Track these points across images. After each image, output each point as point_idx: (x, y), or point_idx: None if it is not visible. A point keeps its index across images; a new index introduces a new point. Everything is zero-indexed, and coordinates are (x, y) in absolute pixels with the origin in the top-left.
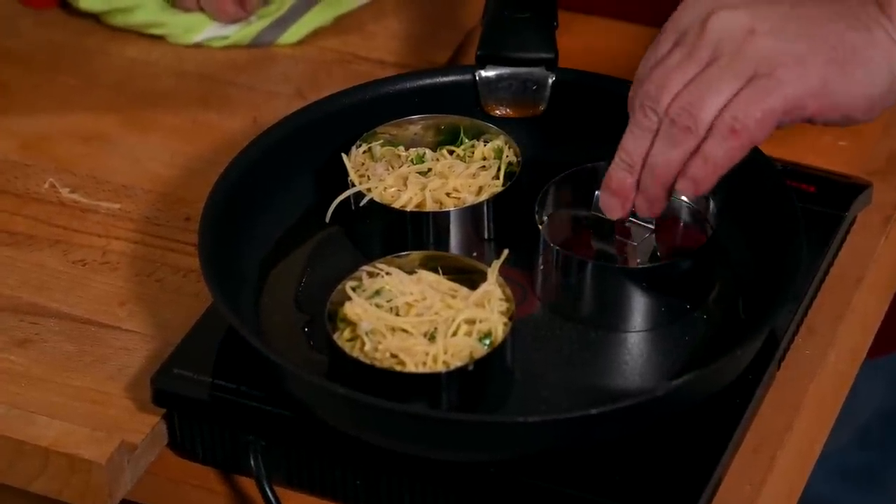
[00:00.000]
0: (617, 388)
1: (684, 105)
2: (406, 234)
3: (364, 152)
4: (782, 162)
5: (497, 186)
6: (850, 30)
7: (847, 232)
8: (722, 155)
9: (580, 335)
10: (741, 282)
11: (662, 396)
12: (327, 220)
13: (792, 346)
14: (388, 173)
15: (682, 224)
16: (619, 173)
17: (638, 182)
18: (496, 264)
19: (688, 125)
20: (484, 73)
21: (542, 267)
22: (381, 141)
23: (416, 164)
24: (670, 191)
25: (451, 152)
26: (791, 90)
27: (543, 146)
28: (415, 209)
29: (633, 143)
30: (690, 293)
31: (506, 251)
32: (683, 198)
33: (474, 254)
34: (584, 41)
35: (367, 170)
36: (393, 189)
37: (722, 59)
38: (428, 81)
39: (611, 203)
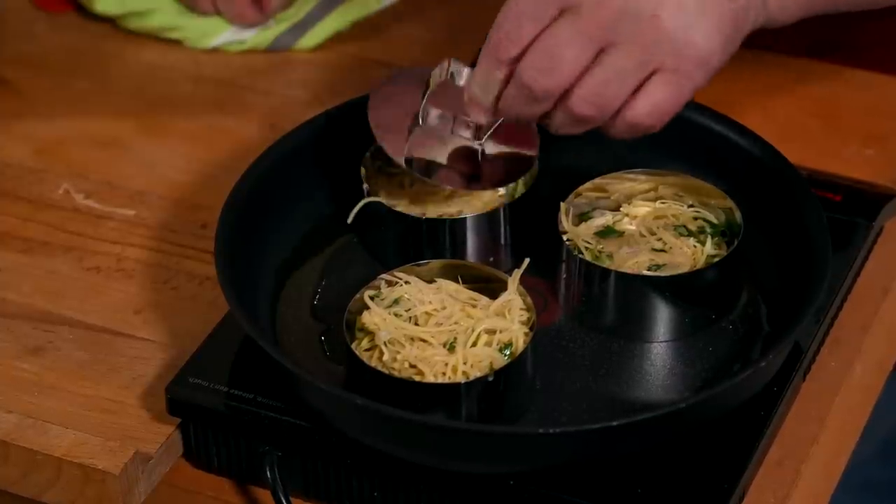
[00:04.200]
0: (639, 399)
1: (586, 96)
2: (422, 242)
3: (380, 168)
4: (808, 170)
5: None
6: None
7: (874, 242)
8: (623, 134)
9: (602, 345)
10: (766, 292)
11: (686, 408)
12: (349, 220)
13: (817, 358)
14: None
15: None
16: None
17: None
18: (517, 273)
19: (590, 115)
20: None
21: (564, 276)
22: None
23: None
24: None
25: None
26: (697, 83)
27: (560, 151)
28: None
29: (515, 107)
30: (715, 303)
31: (527, 260)
32: (710, 216)
33: (491, 259)
34: None
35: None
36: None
37: (624, 44)
38: None
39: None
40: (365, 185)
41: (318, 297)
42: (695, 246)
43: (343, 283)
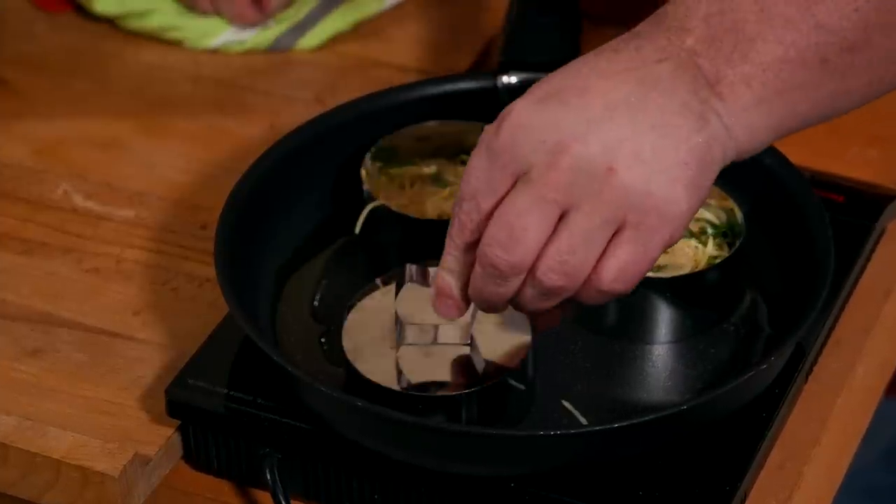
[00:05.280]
0: (641, 401)
1: (552, 265)
2: (424, 244)
3: (380, 169)
4: (810, 171)
5: None
6: (694, 132)
7: (876, 243)
8: (596, 301)
9: (603, 347)
10: (768, 293)
11: (687, 410)
12: (357, 230)
13: (819, 360)
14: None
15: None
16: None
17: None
18: None
19: (560, 286)
20: (506, 80)
21: None
22: (397, 154)
23: (434, 184)
24: None
25: (464, 163)
26: (665, 235)
27: None
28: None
29: (485, 289)
30: (717, 304)
31: None
32: (711, 216)
33: None
34: None
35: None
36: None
37: (582, 205)
38: (449, 88)
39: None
40: (365, 187)
41: (318, 298)
42: (696, 247)
43: (343, 284)
